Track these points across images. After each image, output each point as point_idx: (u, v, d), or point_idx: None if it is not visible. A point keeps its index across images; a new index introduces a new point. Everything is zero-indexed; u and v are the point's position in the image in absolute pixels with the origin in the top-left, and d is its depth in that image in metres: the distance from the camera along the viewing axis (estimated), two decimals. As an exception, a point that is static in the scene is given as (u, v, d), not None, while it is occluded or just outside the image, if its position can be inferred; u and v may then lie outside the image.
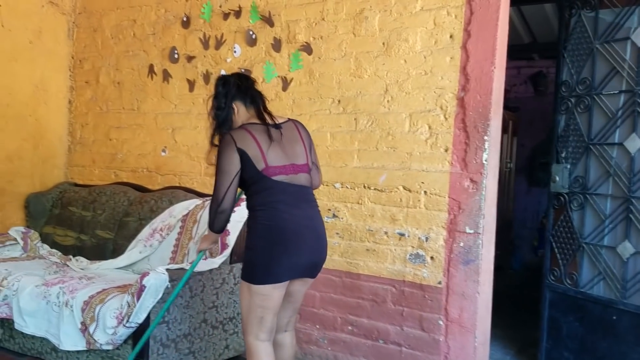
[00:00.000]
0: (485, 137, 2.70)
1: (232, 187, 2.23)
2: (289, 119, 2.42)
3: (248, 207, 2.32)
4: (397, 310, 2.94)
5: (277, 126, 2.33)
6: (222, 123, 2.35)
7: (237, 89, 2.37)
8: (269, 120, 2.33)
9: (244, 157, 2.22)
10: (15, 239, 3.85)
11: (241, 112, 2.37)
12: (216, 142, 2.33)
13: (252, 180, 2.25)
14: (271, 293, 2.22)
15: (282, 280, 2.23)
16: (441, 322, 2.82)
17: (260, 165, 2.23)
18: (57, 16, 4.20)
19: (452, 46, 2.76)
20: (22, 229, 3.96)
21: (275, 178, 2.24)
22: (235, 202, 2.32)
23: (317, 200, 3.15)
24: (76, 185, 4.22)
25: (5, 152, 3.94)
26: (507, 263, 6.03)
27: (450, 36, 2.77)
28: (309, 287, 2.46)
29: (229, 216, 2.32)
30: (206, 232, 2.52)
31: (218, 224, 2.34)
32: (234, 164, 2.22)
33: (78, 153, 4.35)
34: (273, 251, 2.20)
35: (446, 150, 2.79)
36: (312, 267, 2.32)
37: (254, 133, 2.26)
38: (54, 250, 3.89)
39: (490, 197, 2.79)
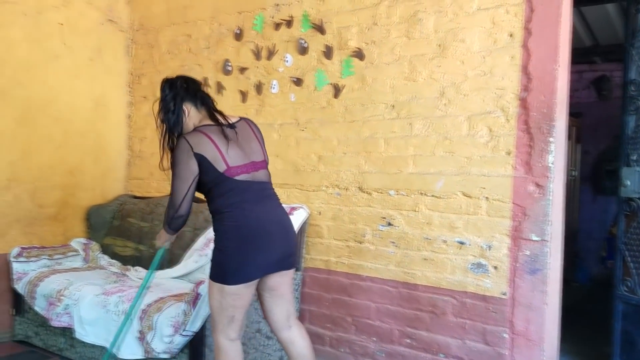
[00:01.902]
0: (551, 139, 2.56)
1: (189, 193, 2.24)
2: (240, 118, 2.42)
3: (212, 210, 2.31)
4: (458, 323, 2.81)
5: (232, 125, 2.33)
6: (173, 126, 2.34)
7: (185, 91, 2.37)
8: (222, 121, 2.32)
9: (202, 161, 2.20)
10: (76, 250, 3.96)
11: (192, 114, 2.36)
12: (166, 146, 2.34)
13: (213, 183, 2.24)
14: (243, 292, 2.24)
15: (254, 278, 2.25)
16: (506, 335, 2.67)
17: (221, 167, 2.21)
18: (115, 33, 4.34)
19: (512, 45, 2.65)
20: (83, 240, 4.07)
21: (237, 178, 2.24)
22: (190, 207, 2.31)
23: (372, 207, 3.11)
24: (135, 197, 4.32)
25: (67, 166, 4.08)
26: (572, 276, 5.73)
27: (510, 35, 2.66)
28: (290, 278, 2.44)
29: (186, 220, 2.34)
30: (161, 231, 2.52)
31: (174, 227, 2.37)
32: (191, 170, 2.20)
33: (136, 166, 4.45)
34: (243, 250, 2.20)
35: (508, 154, 2.66)
36: (283, 259, 2.33)
37: (210, 135, 2.24)
38: (113, 260, 3.98)
39: (557, 202, 2.63)
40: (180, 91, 2.34)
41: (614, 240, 2.93)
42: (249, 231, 2.21)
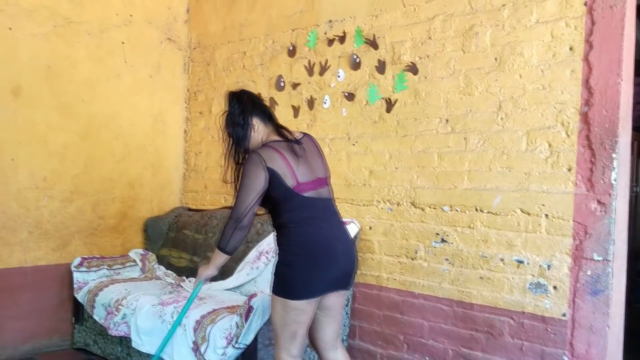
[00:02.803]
0: (614, 155, 2.46)
1: (255, 204, 2.22)
2: (303, 134, 2.42)
3: (278, 224, 2.30)
4: (515, 344, 2.72)
5: (298, 142, 2.33)
6: (240, 140, 2.34)
7: (252, 105, 2.36)
8: (289, 136, 2.32)
9: (273, 176, 2.19)
10: (134, 261, 4.09)
11: (260, 129, 2.35)
12: (230, 160, 2.35)
13: (282, 198, 2.23)
14: (306, 308, 2.22)
15: (318, 294, 2.23)
16: (565, 358, 2.57)
17: (290, 183, 2.22)
18: (174, 52, 4.50)
19: (573, 59, 2.57)
20: (140, 251, 4.20)
21: (305, 194, 2.24)
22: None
23: (425, 223, 3.07)
24: (190, 209, 4.42)
25: (128, 179, 4.23)
26: (635, 297, 5.44)
27: (570, 48, 2.58)
28: (344, 298, 2.43)
29: (246, 236, 2.30)
30: (214, 255, 2.40)
31: (233, 243, 2.29)
32: (260, 183, 2.19)
33: (192, 179, 4.57)
34: (309, 266, 2.19)
35: (569, 170, 2.57)
36: (344, 278, 2.31)
37: (281, 151, 2.25)
38: (169, 271, 4.08)
39: (620, 220, 2.52)
40: (248, 106, 2.35)
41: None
42: (316, 247, 2.21)
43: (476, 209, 2.87)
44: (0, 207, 3.59)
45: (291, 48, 3.81)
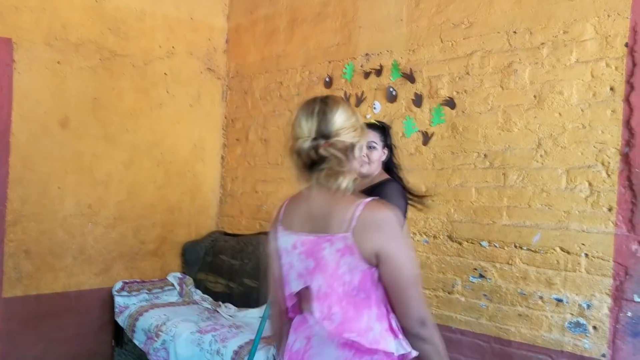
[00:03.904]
0: (656, 196, 2.45)
1: None
2: None
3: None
4: (554, 383, 2.70)
5: None
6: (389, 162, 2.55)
7: None
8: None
9: None
10: (172, 284, 4.19)
11: None
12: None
13: None
14: None
15: None
16: (607, 400, 2.54)
17: None
18: (213, 81, 4.62)
19: (613, 99, 2.57)
20: (178, 274, 4.30)
21: None
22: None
23: (462, 258, 3.08)
24: (226, 234, 4.51)
25: (168, 204, 4.35)
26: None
27: (611, 88, 2.58)
28: None
29: None
30: None
31: None
32: None
33: (228, 204, 4.67)
34: None
35: (610, 210, 2.56)
36: None
37: None
38: (205, 295, 4.16)
39: (663, 262, 2.49)
40: None
41: None
42: None
43: (515, 246, 2.87)
44: (46, 234, 3.74)
45: (327, 79, 3.89)
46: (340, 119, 1.53)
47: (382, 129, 2.50)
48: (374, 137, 2.42)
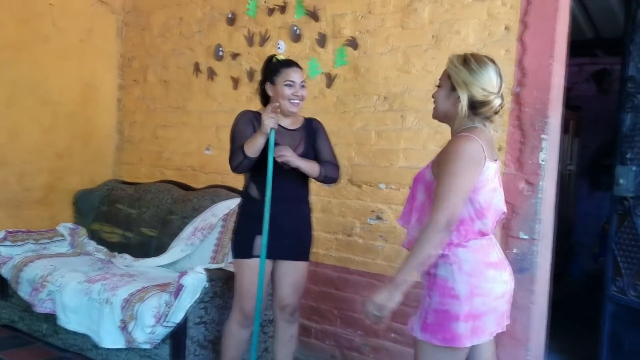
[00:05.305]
0: (543, 136, 2.50)
1: None
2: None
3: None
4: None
5: None
6: None
7: None
8: None
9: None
10: (63, 235, 3.92)
11: None
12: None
13: None
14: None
15: None
16: (492, 334, 2.63)
17: None
18: (107, 15, 4.26)
19: (508, 38, 2.58)
20: (70, 225, 4.03)
21: None
22: None
23: (362, 201, 3.06)
24: (123, 182, 4.26)
25: (55, 149, 4.03)
26: (566, 271, 5.69)
27: (506, 28, 2.58)
28: None
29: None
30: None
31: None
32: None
33: (126, 151, 4.39)
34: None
35: (499, 149, 2.60)
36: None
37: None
38: (100, 246, 3.93)
39: (547, 200, 2.58)
40: None
41: (606, 237, 2.88)
42: None
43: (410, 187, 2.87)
44: None
45: (230, 16, 3.67)
46: None
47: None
48: (303, 76, 2.48)
